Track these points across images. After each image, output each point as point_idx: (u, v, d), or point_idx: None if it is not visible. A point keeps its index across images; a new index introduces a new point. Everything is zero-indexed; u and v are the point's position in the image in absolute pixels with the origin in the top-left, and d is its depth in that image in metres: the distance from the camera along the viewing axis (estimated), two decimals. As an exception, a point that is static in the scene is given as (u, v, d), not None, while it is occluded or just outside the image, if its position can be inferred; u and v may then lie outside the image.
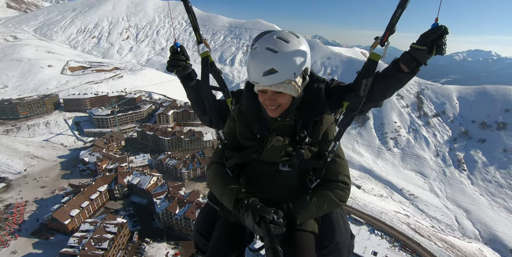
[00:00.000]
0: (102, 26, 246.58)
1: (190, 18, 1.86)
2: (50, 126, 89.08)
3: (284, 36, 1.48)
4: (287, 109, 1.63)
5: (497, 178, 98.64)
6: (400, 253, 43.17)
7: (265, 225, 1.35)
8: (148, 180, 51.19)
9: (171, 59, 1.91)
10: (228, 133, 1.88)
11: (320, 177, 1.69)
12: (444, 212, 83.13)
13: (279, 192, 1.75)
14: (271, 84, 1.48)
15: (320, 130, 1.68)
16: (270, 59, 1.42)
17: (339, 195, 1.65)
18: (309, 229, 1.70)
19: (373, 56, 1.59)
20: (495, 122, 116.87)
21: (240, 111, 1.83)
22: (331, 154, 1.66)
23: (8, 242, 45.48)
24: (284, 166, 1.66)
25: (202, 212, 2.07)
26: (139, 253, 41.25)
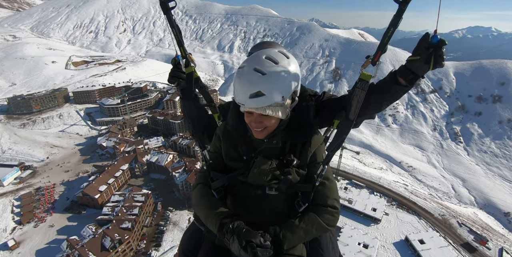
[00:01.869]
0: (98, 21, 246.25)
1: (174, 32, 1.83)
2: (63, 118, 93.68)
3: (273, 56, 1.41)
4: (274, 131, 1.58)
5: (493, 148, 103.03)
6: (397, 210, 48.26)
7: (252, 250, 1.31)
8: (165, 157, 56.03)
9: (172, 71, 1.90)
10: (214, 152, 1.85)
11: (308, 201, 1.67)
12: (441, 182, 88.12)
13: (266, 215, 1.71)
14: (257, 107, 1.41)
15: (309, 152, 1.65)
16: (257, 82, 1.35)
17: (328, 219, 1.62)
18: (297, 253, 1.66)
19: (363, 76, 1.55)
20: (490, 96, 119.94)
21: (226, 130, 1.79)
22: (319, 178, 1.64)
23: (44, 218, 50.90)
24: (271, 190, 1.64)
25: (187, 232, 2.03)
26: (164, 219, 46.56)
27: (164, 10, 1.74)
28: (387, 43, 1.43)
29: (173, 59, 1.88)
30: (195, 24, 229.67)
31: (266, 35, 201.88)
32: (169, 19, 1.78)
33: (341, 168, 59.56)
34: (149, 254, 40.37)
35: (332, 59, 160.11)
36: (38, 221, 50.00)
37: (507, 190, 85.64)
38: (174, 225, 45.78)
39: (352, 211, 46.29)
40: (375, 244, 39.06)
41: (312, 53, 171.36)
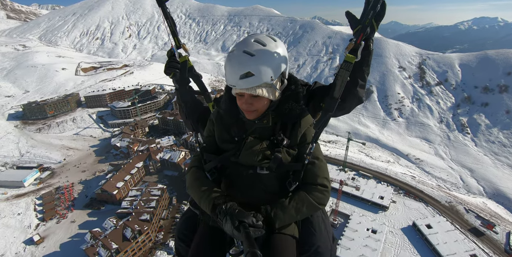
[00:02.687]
0: (104, 27, 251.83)
1: (168, 23, 1.96)
2: (77, 122, 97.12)
3: (261, 39, 1.49)
4: (265, 112, 1.65)
5: (500, 138, 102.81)
6: (404, 198, 49.54)
7: (244, 230, 1.34)
8: (178, 155, 58.34)
9: (168, 62, 1.97)
10: (208, 136, 1.91)
11: (299, 179, 1.71)
12: (449, 173, 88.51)
13: (258, 195, 1.76)
14: (247, 87, 1.47)
15: (299, 132, 1.70)
16: (247, 62, 1.41)
17: (318, 198, 1.65)
18: (288, 232, 1.71)
19: (348, 58, 1.56)
20: (497, 86, 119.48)
21: (219, 114, 1.85)
22: (308, 156, 1.67)
23: (66, 214, 53.66)
24: (262, 169, 1.68)
25: (182, 217, 2.07)
26: (180, 212, 48.75)
27: (158, 2, 1.87)
28: (368, 25, 1.47)
29: (168, 51, 2.02)
30: (198, 27, 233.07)
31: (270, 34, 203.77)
32: (164, 11, 1.92)
33: (348, 160, 60.86)
34: (167, 244, 42.54)
35: (336, 56, 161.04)
36: (60, 217, 52.74)
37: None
38: (189, 217, 47.96)
39: (360, 199, 47.68)
40: (383, 229, 40.46)
41: (315, 51, 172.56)
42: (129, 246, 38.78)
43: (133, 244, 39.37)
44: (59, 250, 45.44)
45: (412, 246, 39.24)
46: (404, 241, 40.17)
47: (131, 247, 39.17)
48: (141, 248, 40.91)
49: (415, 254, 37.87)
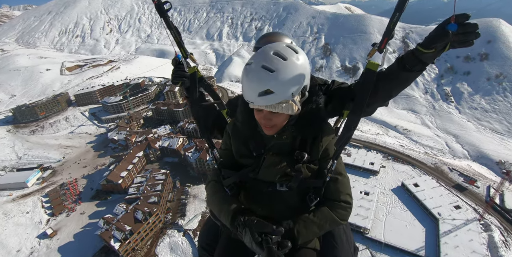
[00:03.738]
0: (82, 24, 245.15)
1: (173, 34, 1.88)
2: (70, 121, 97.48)
3: (281, 52, 1.35)
4: (284, 126, 1.57)
5: (483, 104, 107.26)
6: (393, 162, 53.13)
7: (267, 245, 1.28)
8: (176, 141, 60.39)
9: (174, 71, 1.93)
10: (225, 149, 1.87)
11: (319, 195, 1.67)
12: (435, 140, 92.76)
13: (278, 210, 1.71)
14: (266, 104, 1.38)
15: (320, 147, 1.63)
16: (266, 79, 1.30)
17: (341, 214, 1.62)
18: (310, 246, 1.70)
19: (370, 65, 1.48)
20: (478, 54, 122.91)
21: (235, 126, 1.79)
22: (329, 173, 1.62)
23: (74, 207, 55.74)
24: (281, 186, 1.64)
25: (204, 227, 2.10)
26: (184, 194, 51.44)
27: (160, 13, 1.82)
28: (393, 29, 1.34)
29: (173, 60, 1.96)
30: (180, 16, 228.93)
31: (253, 18, 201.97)
32: (167, 22, 1.86)
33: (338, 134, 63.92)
34: (176, 223, 45.38)
35: (321, 35, 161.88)
36: (69, 211, 54.83)
37: (497, 141, 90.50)
38: (194, 198, 50.73)
39: (352, 167, 50.98)
40: (375, 191, 44.03)
41: (301, 32, 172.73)
42: (141, 227, 41.35)
43: (145, 226, 41.97)
44: (73, 240, 47.80)
45: (402, 203, 43.03)
46: (395, 199, 43.90)
47: (143, 228, 41.77)
48: (152, 228, 43.60)
49: (405, 210, 41.71)
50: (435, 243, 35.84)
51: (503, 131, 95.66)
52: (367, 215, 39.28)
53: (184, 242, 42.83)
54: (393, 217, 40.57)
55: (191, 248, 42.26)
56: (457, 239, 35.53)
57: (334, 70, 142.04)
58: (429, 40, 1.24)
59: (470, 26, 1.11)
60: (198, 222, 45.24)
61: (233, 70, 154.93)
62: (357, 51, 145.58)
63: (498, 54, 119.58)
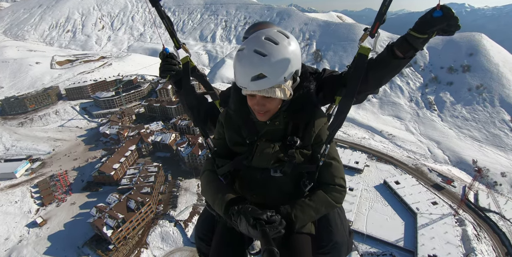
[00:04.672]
0: (74, 19, 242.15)
1: (165, 23, 1.85)
2: (60, 114, 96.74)
3: (273, 37, 1.37)
4: (277, 112, 1.58)
5: (463, 113, 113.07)
6: (377, 162, 56.05)
7: (261, 227, 1.31)
8: (169, 136, 61.56)
9: (162, 65, 1.92)
10: (218, 139, 1.88)
11: (313, 180, 1.68)
12: (418, 145, 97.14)
13: (274, 196, 1.75)
14: (259, 89, 1.39)
15: (312, 132, 1.64)
16: (258, 64, 1.32)
17: (336, 197, 1.65)
18: (305, 231, 1.72)
19: (362, 50, 1.51)
20: (460, 66, 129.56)
21: (228, 114, 1.80)
22: (323, 158, 1.63)
23: (65, 198, 55.89)
24: (276, 172, 1.66)
25: (201, 217, 2.10)
26: (176, 186, 52.64)
27: (152, 2, 1.77)
28: (385, 13, 1.38)
29: (160, 53, 1.94)
30: (174, 16, 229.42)
31: (247, 22, 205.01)
32: (159, 11, 1.83)
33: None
34: (168, 214, 46.52)
35: (313, 42, 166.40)
36: (59, 201, 54.94)
37: (476, 148, 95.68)
38: (186, 191, 51.97)
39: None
40: (359, 187, 46.66)
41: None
42: (133, 216, 42.37)
43: (137, 215, 43.00)
44: (63, 229, 48.08)
45: (383, 199, 45.80)
46: (377, 196, 46.63)
47: (135, 217, 42.79)
48: (144, 218, 44.62)
49: (386, 205, 44.45)
50: (413, 235, 38.51)
51: (482, 139, 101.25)
52: (350, 208, 41.62)
53: (176, 231, 44.04)
54: (375, 211, 43.17)
55: (182, 237, 43.52)
56: (433, 231, 38.34)
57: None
58: (421, 25, 1.29)
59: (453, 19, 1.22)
60: (189, 213, 46.57)
61: (225, 72, 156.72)
62: (347, 58, 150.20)
63: (479, 67, 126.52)
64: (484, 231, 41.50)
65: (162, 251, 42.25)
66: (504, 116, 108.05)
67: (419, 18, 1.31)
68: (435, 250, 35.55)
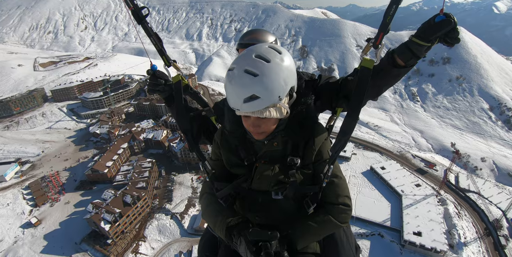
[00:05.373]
0: (55, 20, 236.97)
1: (153, 41, 1.74)
2: (47, 116, 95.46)
3: (264, 54, 1.28)
4: (274, 131, 1.49)
5: (445, 103, 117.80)
6: (363, 150, 58.45)
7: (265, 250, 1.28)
8: (161, 133, 62.20)
9: (149, 83, 1.87)
10: (215, 160, 1.80)
11: (316, 200, 1.59)
12: (403, 135, 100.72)
13: (276, 217, 1.66)
14: (253, 110, 1.30)
15: (313, 150, 1.54)
16: (250, 85, 1.23)
17: (340, 217, 1.55)
18: (310, 250, 1.66)
19: (365, 63, 1.36)
20: (441, 58, 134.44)
21: (224, 134, 1.72)
22: (326, 179, 1.53)
23: (58, 198, 55.87)
24: (277, 195, 1.58)
25: (203, 238, 2.05)
26: (170, 181, 53.58)
27: (137, 20, 1.69)
28: (389, 23, 1.30)
29: (147, 71, 1.86)
30: (159, 15, 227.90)
31: (233, 20, 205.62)
32: (145, 29, 1.72)
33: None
34: (163, 208, 47.50)
35: (299, 38, 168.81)
36: (53, 201, 54.89)
37: (457, 136, 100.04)
38: (180, 185, 52.98)
39: (326, 154, 55.71)
40: (347, 174, 48.94)
41: (279, 34, 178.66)
42: (130, 210, 43.16)
43: (134, 209, 43.82)
44: (59, 227, 48.31)
45: (370, 184, 48.28)
46: (364, 181, 49.03)
47: (132, 211, 43.59)
48: (140, 213, 45.43)
49: (373, 189, 46.91)
50: (399, 215, 40.96)
51: (462, 127, 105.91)
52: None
53: (172, 224, 45.11)
54: (363, 195, 45.47)
55: (179, 229, 44.64)
56: (417, 211, 40.98)
57: (310, 71, 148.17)
58: (424, 31, 1.24)
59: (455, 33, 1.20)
60: (184, 206, 47.68)
61: (213, 70, 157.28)
62: (332, 53, 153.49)
63: (458, 58, 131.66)
64: (464, 209, 44.49)
65: (160, 243, 43.28)
66: (482, 105, 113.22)
67: (422, 25, 1.25)
68: (420, 227, 38.06)
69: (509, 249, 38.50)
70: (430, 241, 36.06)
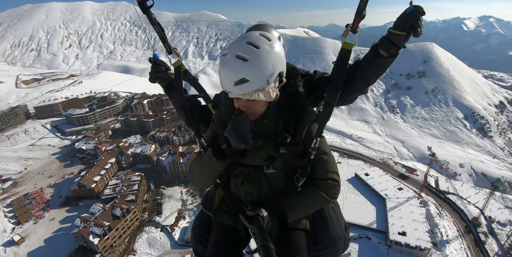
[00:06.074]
0: (38, 37, 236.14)
1: (156, 29, 1.89)
2: (29, 133, 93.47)
3: (254, 41, 1.38)
4: (266, 111, 1.60)
5: (423, 114, 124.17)
6: (348, 159, 60.78)
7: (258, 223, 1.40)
8: (149, 148, 62.43)
9: (151, 71, 1.98)
10: (212, 135, 1.82)
11: (306, 174, 1.66)
12: (386, 145, 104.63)
13: (268, 192, 1.73)
14: (243, 93, 1.42)
15: (303, 128, 1.63)
16: (240, 68, 1.34)
17: (329, 192, 1.63)
18: (301, 226, 1.73)
19: (345, 45, 1.53)
20: (417, 72, 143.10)
21: (220, 117, 1.81)
22: (314, 151, 1.62)
23: (42, 215, 54.31)
24: (268, 169, 1.65)
25: (197, 219, 2.12)
26: (159, 194, 53.47)
27: (142, 9, 1.80)
28: (364, 8, 1.42)
29: (149, 59, 1.99)
30: (145, 34, 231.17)
31: (219, 38, 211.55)
32: (149, 18, 1.86)
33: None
34: (153, 220, 47.18)
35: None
36: (37, 218, 53.28)
37: (436, 144, 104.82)
38: (169, 198, 52.90)
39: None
40: (333, 181, 50.59)
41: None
42: (119, 223, 42.69)
43: (123, 222, 43.37)
44: (44, 244, 46.82)
45: (356, 189, 50.28)
46: (350, 187, 51.00)
47: (121, 225, 43.14)
48: (129, 226, 44.94)
49: (358, 195, 48.85)
50: (384, 217, 42.74)
51: (440, 136, 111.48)
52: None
53: (163, 236, 44.77)
54: (349, 201, 47.16)
55: (169, 241, 44.33)
56: (400, 212, 42.95)
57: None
58: (398, 21, 1.37)
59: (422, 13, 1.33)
60: (174, 218, 47.58)
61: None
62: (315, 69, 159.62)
63: (432, 72, 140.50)
64: (445, 209, 47.01)
65: (150, 256, 42.75)
66: (457, 114, 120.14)
67: (397, 17, 1.38)
68: (404, 227, 39.83)
69: (489, 245, 40.82)
70: (414, 240, 37.68)
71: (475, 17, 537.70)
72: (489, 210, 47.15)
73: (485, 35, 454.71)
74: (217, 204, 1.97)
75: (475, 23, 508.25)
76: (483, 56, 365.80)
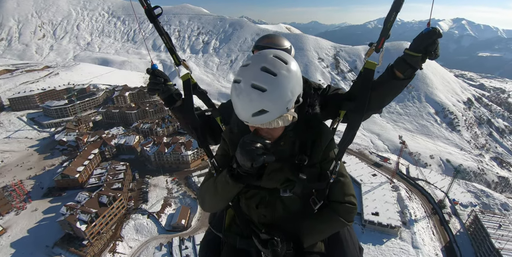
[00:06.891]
0: (9, 26, 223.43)
1: (164, 40, 1.77)
2: (4, 126, 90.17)
3: (271, 66, 1.22)
4: (282, 133, 1.49)
5: (398, 109, 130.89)
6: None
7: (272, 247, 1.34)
8: (133, 138, 62.69)
9: (149, 83, 1.85)
10: (221, 155, 1.76)
11: (323, 198, 1.61)
12: (363, 138, 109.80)
13: (282, 215, 1.68)
14: (262, 123, 1.29)
15: (319, 149, 1.56)
16: (258, 100, 1.20)
17: (346, 216, 1.58)
18: (316, 250, 1.69)
19: (368, 65, 1.50)
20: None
21: (232, 135, 1.69)
22: (333, 175, 1.56)
23: (24, 206, 53.67)
24: (285, 192, 1.57)
25: (205, 239, 2.03)
26: (145, 183, 54.31)
27: (150, 18, 1.70)
28: (389, 28, 1.38)
29: (147, 70, 1.84)
30: (124, 26, 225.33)
31: (201, 32, 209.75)
32: (157, 27, 1.75)
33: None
34: (140, 208, 48.15)
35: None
36: (18, 209, 52.67)
37: (410, 137, 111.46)
38: (155, 187, 53.85)
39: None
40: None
41: (246, 47, 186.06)
42: (106, 211, 43.38)
43: (110, 210, 44.08)
44: (27, 234, 46.58)
45: (333, 177, 53.42)
46: (328, 174, 54.08)
47: (108, 212, 43.86)
48: (116, 214, 45.74)
49: (335, 181, 52.02)
50: (359, 200, 46.00)
51: (413, 130, 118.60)
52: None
53: (149, 222, 45.97)
54: (327, 187, 50.36)
55: (156, 227, 45.63)
56: (374, 195, 46.90)
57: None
58: (414, 43, 1.32)
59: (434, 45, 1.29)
60: (161, 205, 48.81)
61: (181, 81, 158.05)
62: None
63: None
64: (414, 193, 51.87)
65: (137, 241, 43.84)
66: (429, 109, 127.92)
67: (414, 39, 1.34)
68: (377, 208, 43.62)
69: (452, 224, 46.10)
70: (386, 219, 41.42)
71: (449, 19, 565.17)
72: (453, 193, 52.35)
73: (458, 37, 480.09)
74: (227, 225, 1.92)
75: (448, 25, 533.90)
76: (455, 57, 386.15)
